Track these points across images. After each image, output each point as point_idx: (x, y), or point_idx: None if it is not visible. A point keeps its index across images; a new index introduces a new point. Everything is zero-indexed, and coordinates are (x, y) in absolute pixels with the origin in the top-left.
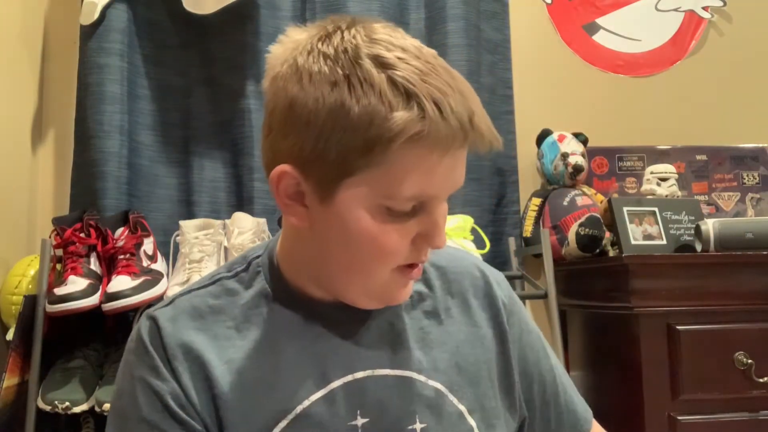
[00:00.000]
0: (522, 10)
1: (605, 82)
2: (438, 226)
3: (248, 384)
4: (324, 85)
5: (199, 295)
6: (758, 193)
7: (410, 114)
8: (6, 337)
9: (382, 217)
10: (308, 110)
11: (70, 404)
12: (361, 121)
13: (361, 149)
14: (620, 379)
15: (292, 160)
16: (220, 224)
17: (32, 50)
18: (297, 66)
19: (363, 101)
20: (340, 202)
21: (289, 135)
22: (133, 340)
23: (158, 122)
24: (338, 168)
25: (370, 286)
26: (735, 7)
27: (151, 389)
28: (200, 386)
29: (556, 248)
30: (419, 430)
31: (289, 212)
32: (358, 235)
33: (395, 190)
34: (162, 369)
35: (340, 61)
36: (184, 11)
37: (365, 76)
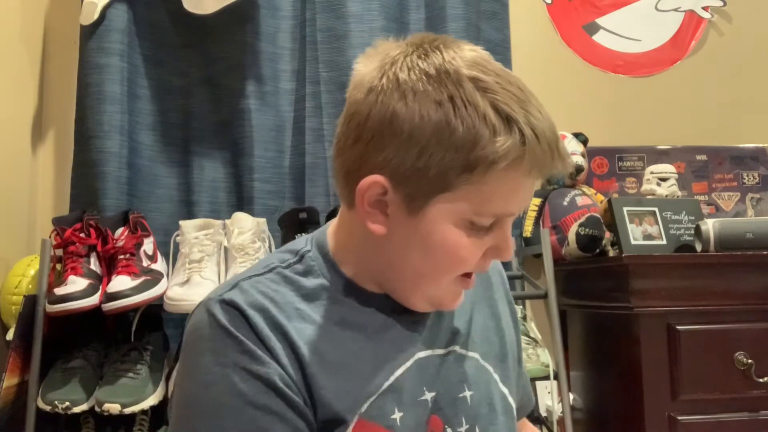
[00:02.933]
0: (522, 10)
1: (605, 82)
2: (509, 241)
3: (331, 365)
4: (429, 103)
5: (261, 281)
6: (758, 193)
7: (513, 139)
8: (6, 337)
9: (466, 231)
10: (412, 126)
11: (70, 404)
12: (465, 141)
13: (462, 168)
14: (620, 379)
15: (386, 172)
16: (220, 224)
17: (32, 50)
18: (398, 81)
19: (467, 122)
20: (429, 215)
21: (386, 147)
22: (207, 327)
23: (158, 122)
24: (435, 184)
25: (432, 292)
26: (735, 7)
27: (252, 374)
28: (295, 365)
29: (556, 248)
30: (468, 396)
31: (369, 220)
32: (440, 246)
33: (485, 207)
34: (258, 352)
35: (443, 81)
36: (184, 11)
37: (469, 99)
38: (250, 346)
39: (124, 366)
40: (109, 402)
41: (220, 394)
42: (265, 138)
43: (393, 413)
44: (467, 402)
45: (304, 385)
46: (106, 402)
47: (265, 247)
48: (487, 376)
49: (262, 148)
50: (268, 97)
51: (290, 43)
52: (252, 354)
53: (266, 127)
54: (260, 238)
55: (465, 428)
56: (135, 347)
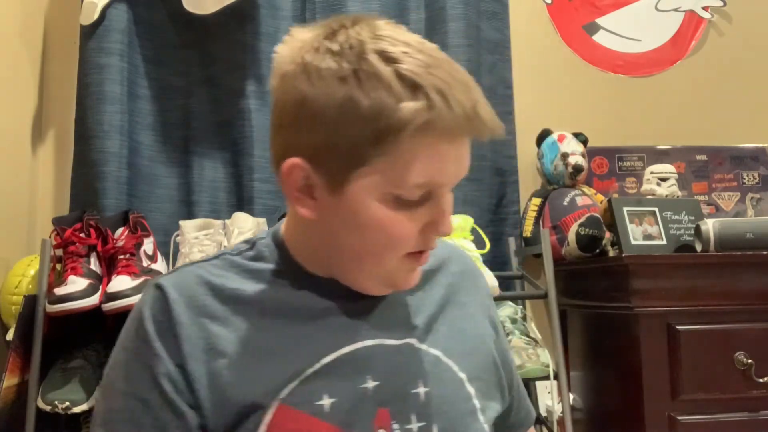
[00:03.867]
0: (522, 10)
1: (605, 82)
2: (445, 214)
3: (257, 351)
4: (333, 81)
5: (204, 266)
6: (758, 193)
7: (417, 104)
8: (6, 337)
9: (392, 206)
10: (319, 105)
11: (70, 404)
12: (370, 113)
13: (371, 140)
14: (620, 379)
15: (304, 154)
16: (220, 224)
17: (32, 50)
18: (305, 64)
19: (372, 94)
20: (351, 192)
21: (300, 130)
22: (135, 309)
23: (158, 122)
24: (349, 159)
25: (379, 273)
26: (735, 7)
27: (144, 365)
28: (203, 355)
29: (556, 248)
30: (422, 393)
31: (298, 204)
32: (369, 224)
33: (404, 178)
34: (156, 345)
35: (346, 56)
36: (184, 11)
37: (372, 70)
38: (151, 337)
39: None
40: None
41: (117, 376)
42: (265, 138)
43: (320, 399)
44: (420, 398)
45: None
46: None
47: None
48: (449, 374)
49: (262, 148)
50: (268, 97)
51: None
52: (150, 346)
53: (266, 127)
54: None
55: (417, 426)
56: None
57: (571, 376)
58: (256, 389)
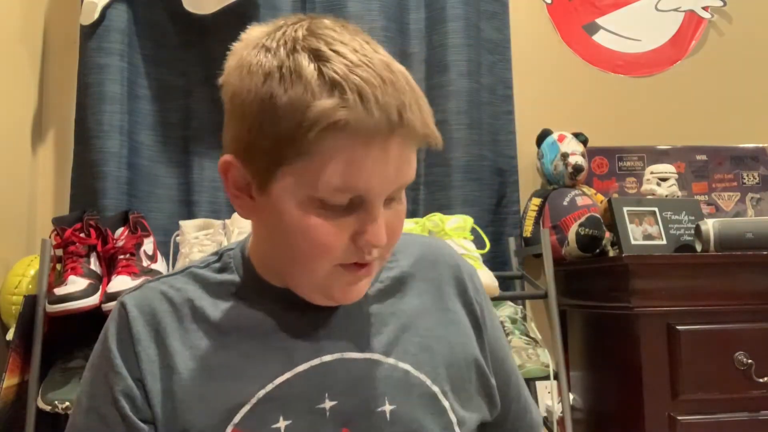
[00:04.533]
0: (522, 10)
1: (605, 82)
2: (374, 223)
3: (212, 370)
4: (258, 77)
5: (167, 282)
6: (758, 193)
7: (330, 102)
8: (6, 337)
9: (315, 211)
10: (242, 101)
11: (70, 404)
12: (286, 110)
13: (287, 138)
14: (620, 379)
15: (234, 150)
16: (220, 224)
17: (32, 50)
18: (241, 59)
19: (290, 92)
20: (275, 192)
21: (231, 125)
22: (104, 328)
23: (158, 122)
24: (271, 158)
25: (313, 281)
26: (735, 7)
27: (106, 381)
28: (160, 372)
29: (556, 248)
30: (389, 411)
31: (235, 202)
32: (291, 227)
33: (318, 179)
34: (117, 362)
35: (277, 53)
36: (184, 11)
37: (296, 68)
38: (113, 354)
39: None
40: None
41: (82, 392)
42: None
43: (276, 422)
44: (386, 417)
45: (167, 393)
46: None
47: None
48: (421, 389)
49: None
50: None
51: None
52: (112, 363)
53: None
54: None
55: None
56: None
57: (571, 376)
58: (210, 412)
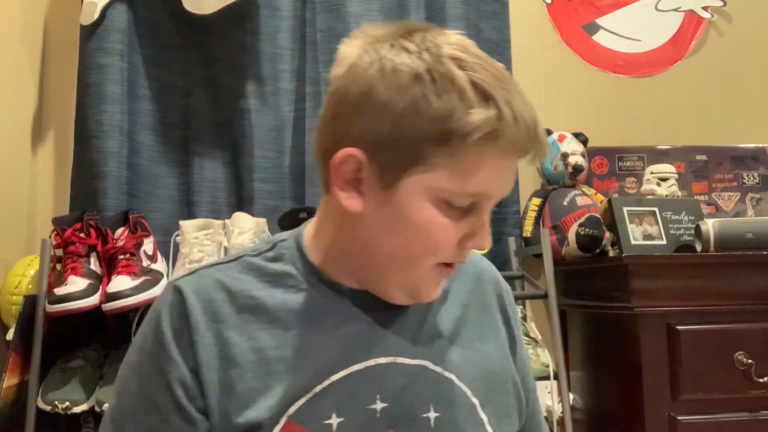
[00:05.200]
0: (522, 10)
1: (605, 82)
2: (486, 228)
3: (270, 363)
4: (405, 76)
5: (223, 269)
6: (758, 193)
7: (488, 113)
8: (6, 337)
9: (441, 211)
10: (388, 96)
11: (70, 404)
12: (440, 113)
13: (435, 140)
14: (620, 379)
15: (361, 144)
16: (220, 224)
17: (32, 50)
18: (379, 56)
19: (444, 96)
20: (403, 189)
21: (362, 120)
22: (153, 310)
23: (158, 122)
24: (409, 155)
25: (407, 279)
26: (735, 7)
27: (158, 369)
28: (217, 362)
29: (556, 248)
30: (432, 418)
31: (345, 196)
32: (415, 224)
33: (461, 184)
34: (171, 348)
35: (422, 56)
36: (184, 11)
37: (447, 73)
38: (167, 340)
39: None
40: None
41: (130, 377)
42: (265, 138)
43: (328, 418)
44: (430, 424)
45: (223, 383)
46: (107, 402)
47: None
48: (462, 400)
49: (262, 148)
50: (268, 97)
51: (290, 43)
52: (166, 349)
53: (266, 127)
54: (260, 238)
55: None
56: None
57: (571, 376)
58: (266, 403)
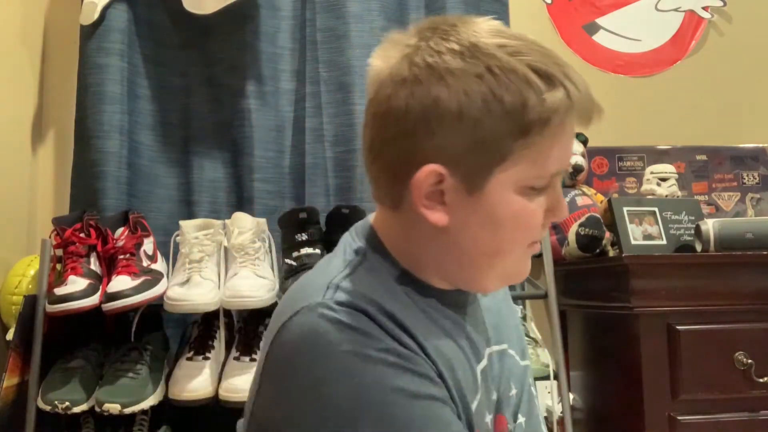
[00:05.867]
0: (522, 10)
1: (605, 82)
2: (562, 198)
3: (446, 362)
4: (470, 78)
5: (354, 279)
6: (758, 193)
7: (558, 95)
8: (6, 337)
9: (527, 197)
10: (459, 104)
11: (70, 404)
12: (514, 106)
13: (516, 134)
14: (620, 379)
15: (441, 157)
16: (220, 224)
17: (32, 50)
18: (430, 66)
19: (512, 88)
20: (491, 189)
21: (435, 133)
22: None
23: (158, 122)
24: (493, 156)
25: (507, 267)
26: (735, 7)
27: (402, 368)
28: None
29: (556, 248)
30: (513, 395)
31: (429, 212)
32: (507, 217)
33: (543, 168)
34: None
35: (474, 55)
36: (184, 11)
37: (507, 66)
38: (389, 342)
39: (124, 366)
40: (109, 402)
41: (379, 394)
42: (265, 138)
43: (485, 417)
44: (514, 400)
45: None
46: (106, 402)
47: (265, 247)
48: (520, 371)
49: (262, 148)
50: (268, 97)
51: (290, 43)
52: (394, 350)
53: (266, 127)
54: (260, 238)
55: (514, 425)
56: (135, 347)
57: (571, 376)
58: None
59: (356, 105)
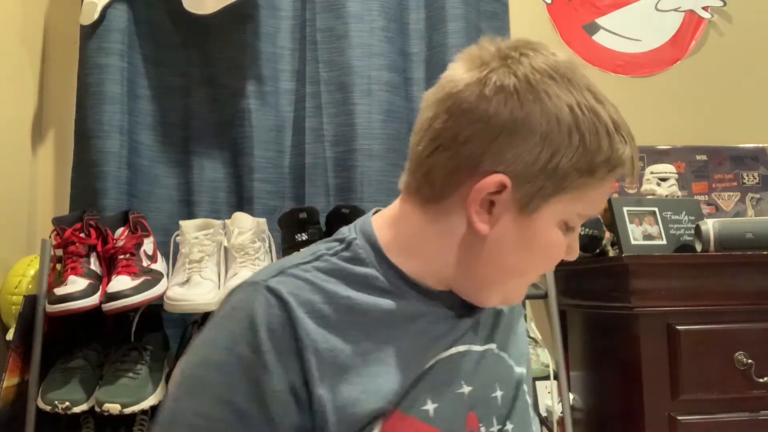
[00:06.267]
0: (522, 10)
1: (605, 82)
2: (576, 241)
3: (374, 362)
4: (563, 107)
5: (309, 269)
6: (758, 193)
7: (627, 150)
8: (6, 337)
9: (562, 230)
10: (548, 127)
11: (70, 404)
12: (591, 145)
13: (584, 171)
14: (620, 379)
15: (511, 170)
16: (220, 224)
17: (32, 50)
18: (529, 82)
19: (592, 129)
20: (541, 215)
21: (517, 146)
22: (239, 309)
23: (158, 122)
24: (557, 185)
25: (513, 289)
26: (735, 7)
27: (251, 378)
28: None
29: None
30: (499, 396)
31: (476, 217)
32: (544, 246)
33: (589, 210)
34: (269, 357)
35: (569, 88)
36: (184, 11)
37: (592, 107)
38: (265, 348)
39: (124, 366)
40: (109, 402)
41: (213, 379)
42: (265, 138)
43: (425, 404)
44: (498, 402)
45: (331, 396)
46: (106, 402)
47: (265, 247)
48: (514, 377)
49: (262, 148)
50: (268, 97)
51: (290, 43)
52: (263, 359)
53: (266, 127)
54: (260, 238)
55: (497, 428)
56: (135, 347)
57: (571, 376)
58: (378, 400)
59: (356, 105)
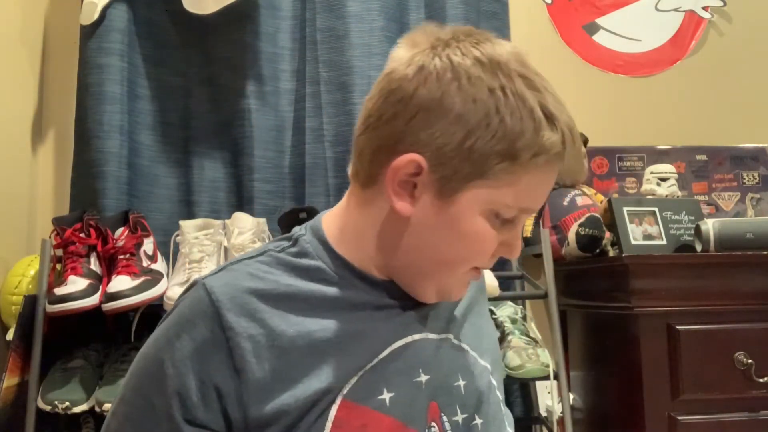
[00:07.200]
0: (522, 10)
1: (605, 82)
2: (519, 238)
3: (316, 346)
4: (482, 89)
5: (251, 263)
6: (758, 193)
7: (555, 137)
8: (6, 337)
9: (490, 222)
10: (463, 108)
11: (70, 404)
12: (511, 130)
13: (504, 156)
14: (620, 379)
15: (427, 151)
16: (220, 224)
17: (32, 50)
18: (452, 64)
19: (516, 113)
20: (460, 200)
21: (432, 126)
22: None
23: (158, 122)
24: (475, 168)
25: (444, 281)
26: (735, 7)
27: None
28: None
29: (556, 248)
30: (462, 386)
31: (397, 199)
32: (466, 234)
33: (516, 199)
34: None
35: (495, 72)
36: (184, 11)
37: (519, 92)
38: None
39: (124, 366)
40: (109, 402)
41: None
42: (265, 138)
43: (381, 394)
44: (461, 391)
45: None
46: (106, 402)
47: None
48: (479, 369)
49: (262, 148)
50: (268, 97)
51: (290, 43)
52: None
53: (266, 127)
54: (260, 238)
55: (462, 417)
56: (135, 347)
57: (571, 376)
58: (320, 386)
59: (356, 105)
